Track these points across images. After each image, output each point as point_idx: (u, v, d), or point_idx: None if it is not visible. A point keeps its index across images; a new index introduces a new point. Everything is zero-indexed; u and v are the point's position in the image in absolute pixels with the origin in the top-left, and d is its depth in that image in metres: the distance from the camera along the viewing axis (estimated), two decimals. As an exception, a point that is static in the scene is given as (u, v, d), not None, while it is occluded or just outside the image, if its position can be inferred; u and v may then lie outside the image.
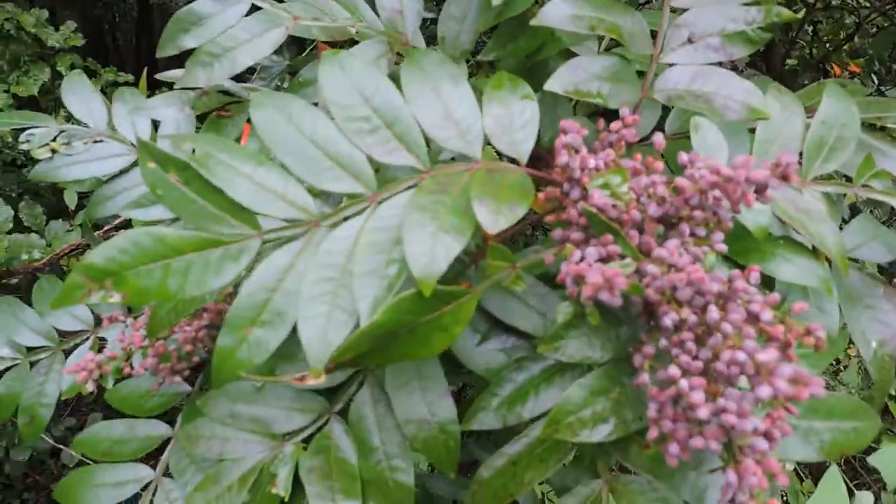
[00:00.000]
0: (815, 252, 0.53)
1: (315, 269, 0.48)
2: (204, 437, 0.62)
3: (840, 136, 0.55)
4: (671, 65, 0.56)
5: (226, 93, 0.73)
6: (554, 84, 0.52)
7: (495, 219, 0.45)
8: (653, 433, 0.44)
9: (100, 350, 0.83)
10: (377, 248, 0.48)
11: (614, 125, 0.52)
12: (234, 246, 0.49)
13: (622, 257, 0.46)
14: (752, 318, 0.43)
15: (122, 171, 0.76)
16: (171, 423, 0.76)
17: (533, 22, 0.53)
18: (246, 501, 0.59)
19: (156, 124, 0.79)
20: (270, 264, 0.50)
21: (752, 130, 0.67)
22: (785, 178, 0.41)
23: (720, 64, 0.55)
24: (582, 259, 0.46)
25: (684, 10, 0.57)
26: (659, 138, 0.47)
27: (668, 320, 0.43)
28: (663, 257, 0.42)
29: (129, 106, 0.78)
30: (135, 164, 0.77)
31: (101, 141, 0.76)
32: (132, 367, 0.69)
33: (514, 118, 0.53)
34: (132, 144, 0.77)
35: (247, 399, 0.62)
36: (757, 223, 0.50)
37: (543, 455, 0.54)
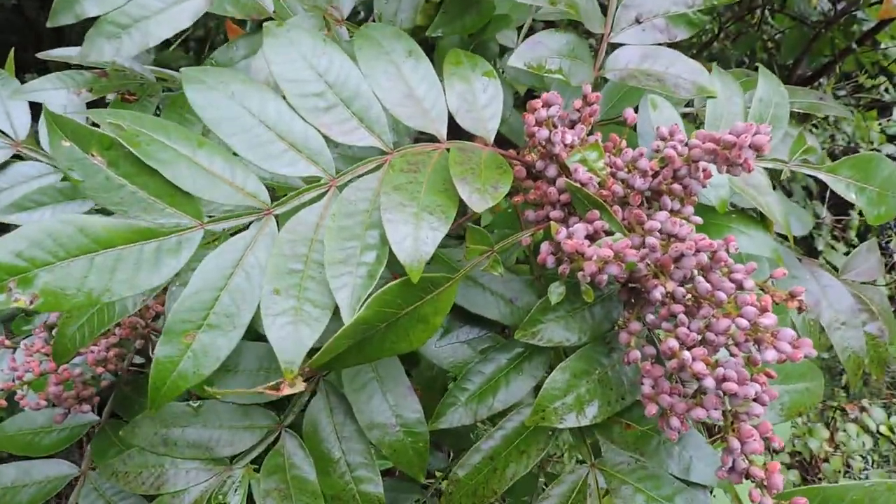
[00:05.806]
0: (764, 224, 0.55)
1: (276, 261, 0.43)
2: (134, 472, 0.53)
3: (775, 115, 0.58)
4: (621, 44, 0.56)
5: (127, 74, 0.64)
6: (516, 60, 0.50)
7: (480, 198, 0.43)
8: (651, 409, 0.43)
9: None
10: (347, 233, 0.43)
11: (576, 103, 0.51)
12: (173, 238, 0.42)
13: (608, 233, 0.45)
14: (737, 286, 0.43)
15: (-2, 169, 0.65)
16: (76, 460, 0.65)
17: (492, -4, 0.51)
18: (193, 538, 0.52)
19: (35, 113, 0.68)
20: (217, 258, 0.43)
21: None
22: (759, 149, 0.42)
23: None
24: (569, 237, 0.44)
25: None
26: (630, 113, 0.47)
27: (658, 293, 0.43)
28: (658, 228, 0.41)
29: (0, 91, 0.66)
30: (13, 159, 0.65)
31: (-33, 133, 0.63)
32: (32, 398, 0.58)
33: (477, 95, 0.50)
34: (7, 136, 0.65)
35: (182, 421, 0.55)
36: (719, 196, 0.52)
37: (523, 446, 0.52)
